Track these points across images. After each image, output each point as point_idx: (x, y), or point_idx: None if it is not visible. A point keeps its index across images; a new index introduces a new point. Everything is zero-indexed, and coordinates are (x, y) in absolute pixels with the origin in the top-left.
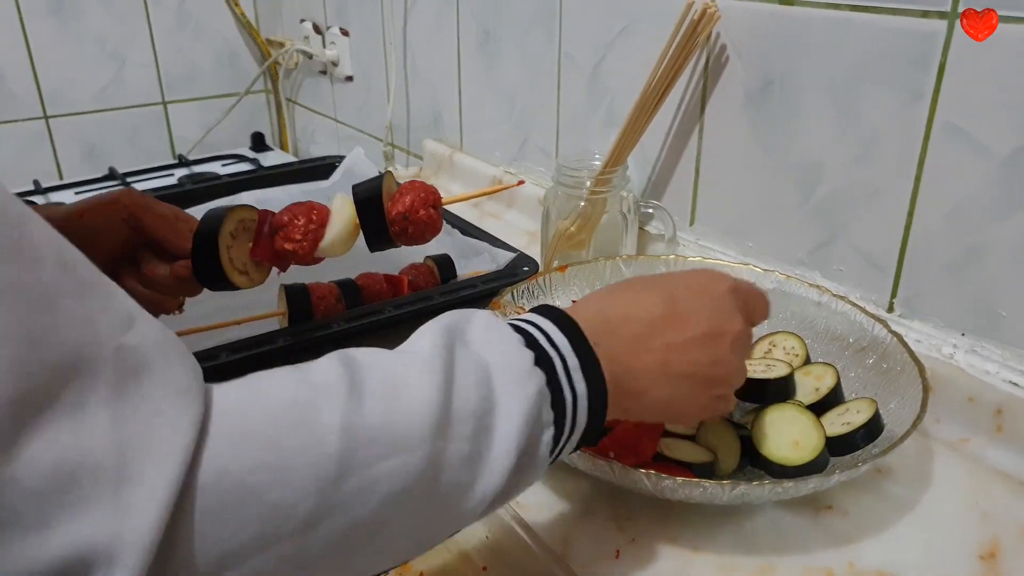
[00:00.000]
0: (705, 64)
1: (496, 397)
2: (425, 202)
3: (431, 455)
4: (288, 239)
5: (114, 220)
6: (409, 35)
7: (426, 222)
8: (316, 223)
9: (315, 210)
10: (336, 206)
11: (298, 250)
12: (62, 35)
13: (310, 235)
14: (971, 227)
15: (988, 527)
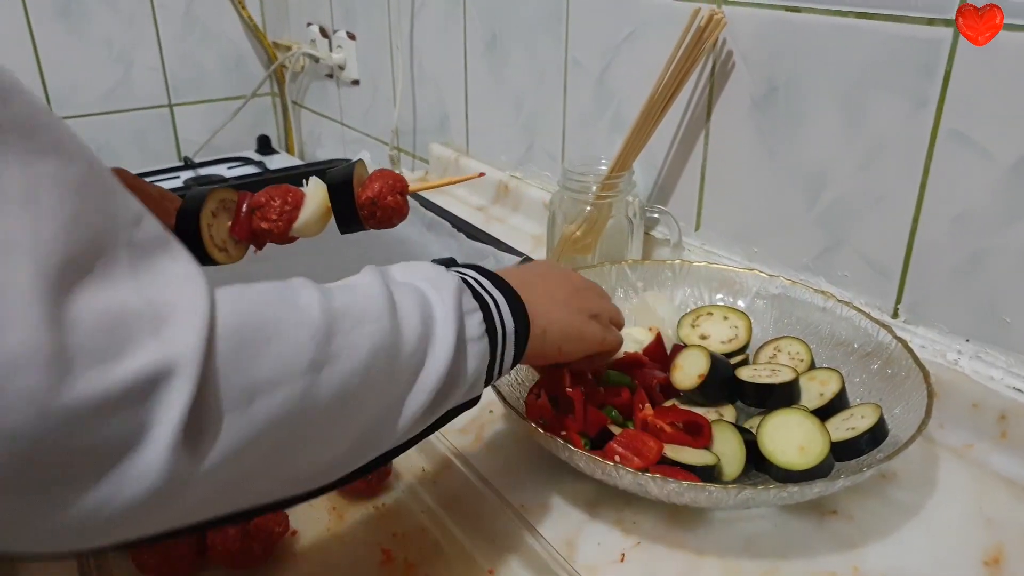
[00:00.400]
0: (711, 70)
1: (428, 294)
2: (393, 188)
3: (393, 326)
4: (264, 219)
5: None
6: (416, 39)
7: (393, 207)
8: (291, 204)
9: (290, 192)
10: (310, 189)
11: (273, 229)
12: (69, 38)
13: (285, 215)
14: (976, 234)
15: (992, 533)
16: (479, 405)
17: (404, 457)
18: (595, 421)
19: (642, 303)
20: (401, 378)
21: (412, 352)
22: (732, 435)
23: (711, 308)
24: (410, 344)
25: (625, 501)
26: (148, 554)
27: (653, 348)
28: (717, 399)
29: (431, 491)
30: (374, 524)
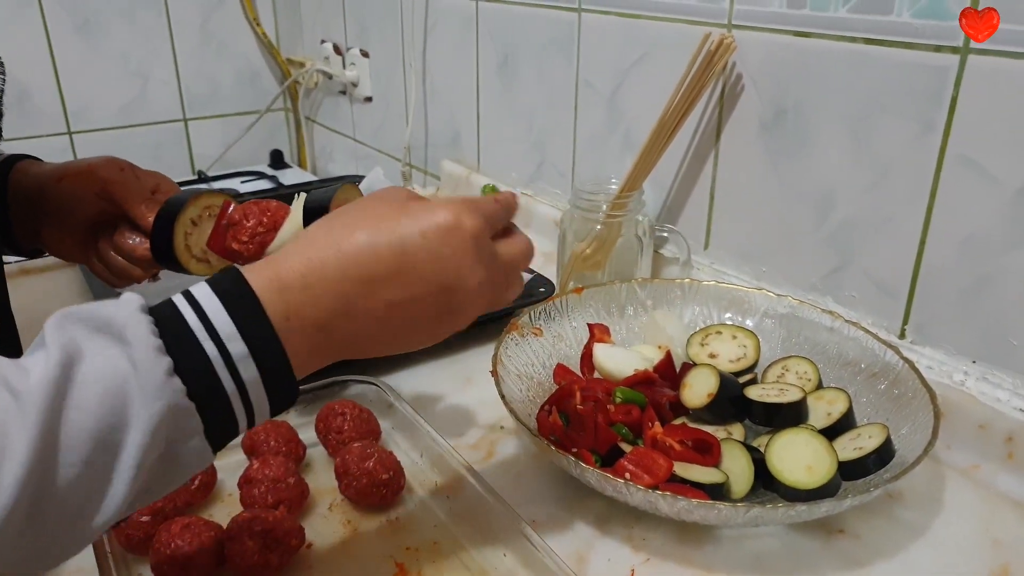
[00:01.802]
0: (721, 92)
1: (120, 421)
2: None
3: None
4: (236, 239)
5: (88, 190)
6: (428, 57)
7: None
8: (266, 226)
9: (269, 212)
10: (295, 209)
11: (244, 251)
12: (87, 53)
13: (257, 239)
14: (983, 256)
15: (999, 554)
16: (490, 421)
17: (417, 471)
18: (606, 438)
19: (651, 321)
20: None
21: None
22: (741, 453)
23: (720, 327)
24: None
25: (635, 518)
26: (167, 565)
27: (663, 366)
28: (726, 417)
29: (444, 505)
30: (387, 537)
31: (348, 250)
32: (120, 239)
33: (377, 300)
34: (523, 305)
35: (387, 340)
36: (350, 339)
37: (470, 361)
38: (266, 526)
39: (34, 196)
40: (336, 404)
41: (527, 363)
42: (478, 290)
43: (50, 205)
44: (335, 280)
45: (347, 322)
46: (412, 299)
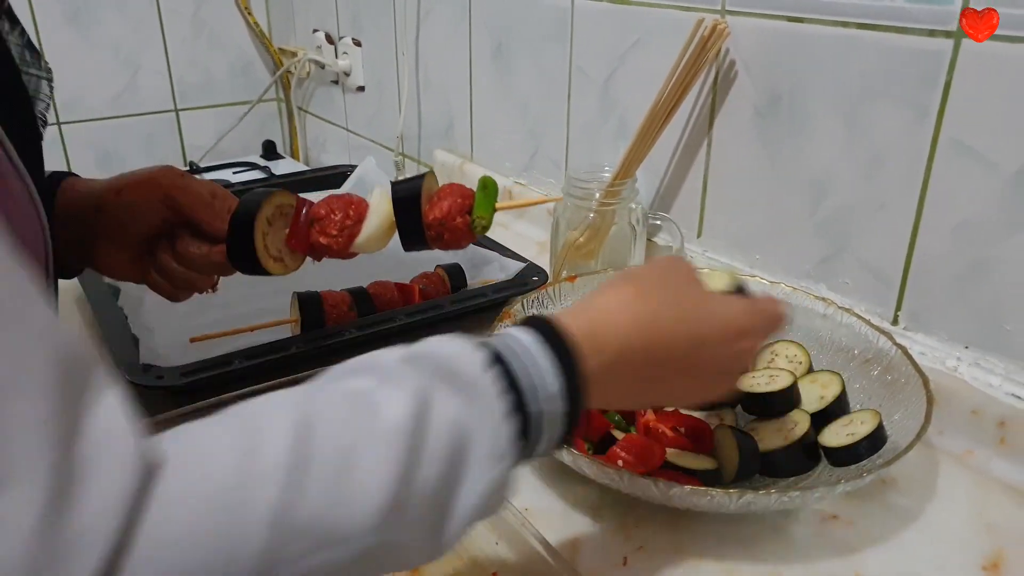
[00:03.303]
0: (714, 79)
1: (462, 475)
2: (462, 208)
3: (364, 549)
4: (324, 233)
5: (151, 199)
6: (421, 46)
7: (462, 229)
8: (353, 219)
9: (352, 204)
10: (375, 202)
11: (333, 245)
12: (77, 43)
13: (346, 231)
14: (976, 242)
15: (992, 539)
16: None
17: None
18: (598, 426)
19: None
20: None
21: (391, 558)
22: (733, 440)
23: None
24: (389, 553)
25: (628, 505)
26: None
27: None
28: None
29: None
30: None
31: (655, 338)
32: (185, 248)
33: (656, 381)
34: (516, 294)
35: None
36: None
37: None
38: None
39: (89, 213)
40: None
41: None
42: (723, 382)
43: (109, 220)
44: (639, 365)
45: (622, 395)
46: (682, 381)
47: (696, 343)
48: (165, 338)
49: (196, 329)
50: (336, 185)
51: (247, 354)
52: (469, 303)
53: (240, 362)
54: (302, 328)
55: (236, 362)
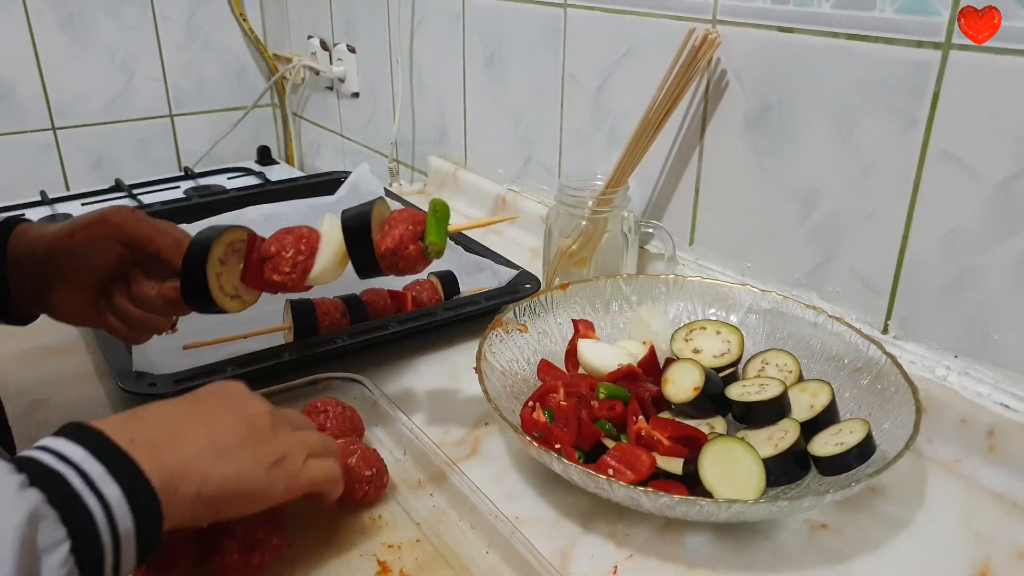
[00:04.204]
0: (706, 88)
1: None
2: (415, 235)
3: None
4: (277, 271)
5: (105, 238)
6: (415, 53)
7: (416, 256)
8: (305, 253)
9: (304, 239)
10: (326, 231)
11: (287, 282)
12: (72, 48)
13: (299, 267)
14: (964, 251)
15: (980, 547)
16: (474, 416)
17: (400, 468)
18: (589, 434)
19: (636, 317)
20: None
21: None
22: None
23: (704, 322)
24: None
25: (618, 514)
26: (146, 567)
27: (647, 362)
28: (708, 411)
29: (426, 502)
30: (370, 535)
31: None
32: (140, 288)
33: (193, 420)
34: (508, 301)
35: (227, 465)
36: (186, 465)
37: (454, 357)
38: (246, 525)
39: (40, 258)
40: (319, 401)
41: (511, 359)
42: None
43: (63, 263)
44: (164, 418)
45: (177, 444)
46: (220, 416)
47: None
48: (158, 345)
49: (189, 336)
50: (331, 191)
51: (240, 361)
52: (462, 310)
53: (233, 369)
54: (295, 335)
55: (229, 369)
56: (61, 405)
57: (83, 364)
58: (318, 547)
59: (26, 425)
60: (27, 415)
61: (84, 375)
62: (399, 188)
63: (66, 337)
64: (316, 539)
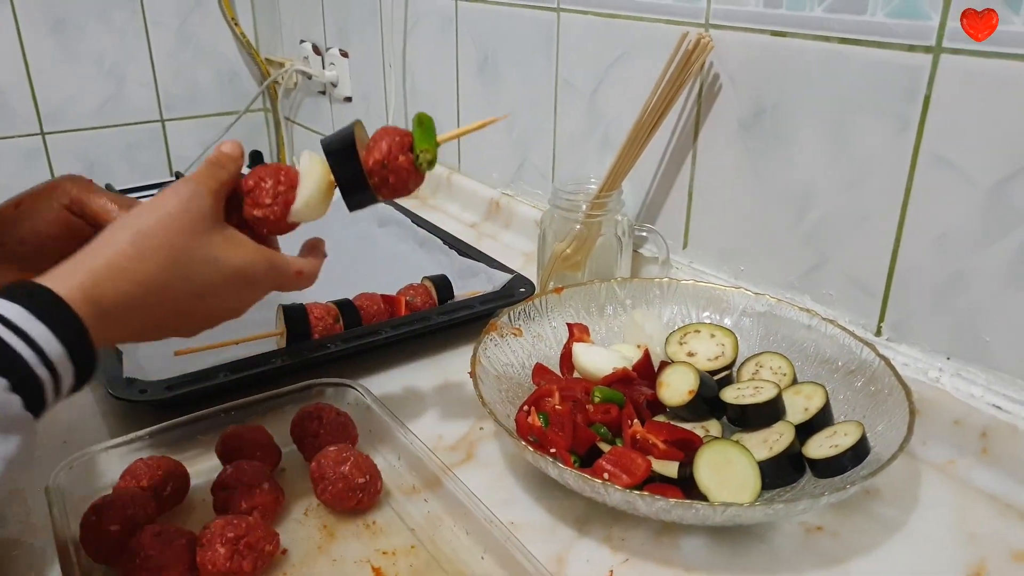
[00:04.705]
0: (699, 92)
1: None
2: (403, 146)
3: None
4: (257, 204)
5: (53, 206)
6: (408, 57)
7: (408, 169)
8: (285, 184)
9: (283, 171)
10: (304, 165)
11: (269, 216)
12: (61, 52)
13: (280, 198)
14: (956, 254)
15: (975, 548)
16: (468, 422)
17: (394, 474)
18: (584, 438)
19: (630, 320)
20: None
21: None
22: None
23: (698, 326)
24: None
25: (614, 518)
26: (137, 573)
27: (641, 365)
28: (703, 414)
29: (421, 508)
30: (364, 541)
31: (157, 294)
32: None
33: (160, 326)
34: (503, 305)
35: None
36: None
37: (448, 362)
38: (239, 532)
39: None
40: (312, 408)
41: (506, 364)
42: (224, 318)
43: (7, 237)
44: (141, 314)
45: (126, 336)
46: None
47: (197, 294)
48: (149, 351)
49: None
50: None
51: (232, 367)
52: (456, 315)
53: (225, 375)
54: (288, 341)
55: (221, 375)
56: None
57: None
58: (312, 554)
59: None
60: None
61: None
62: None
63: None
64: (310, 545)
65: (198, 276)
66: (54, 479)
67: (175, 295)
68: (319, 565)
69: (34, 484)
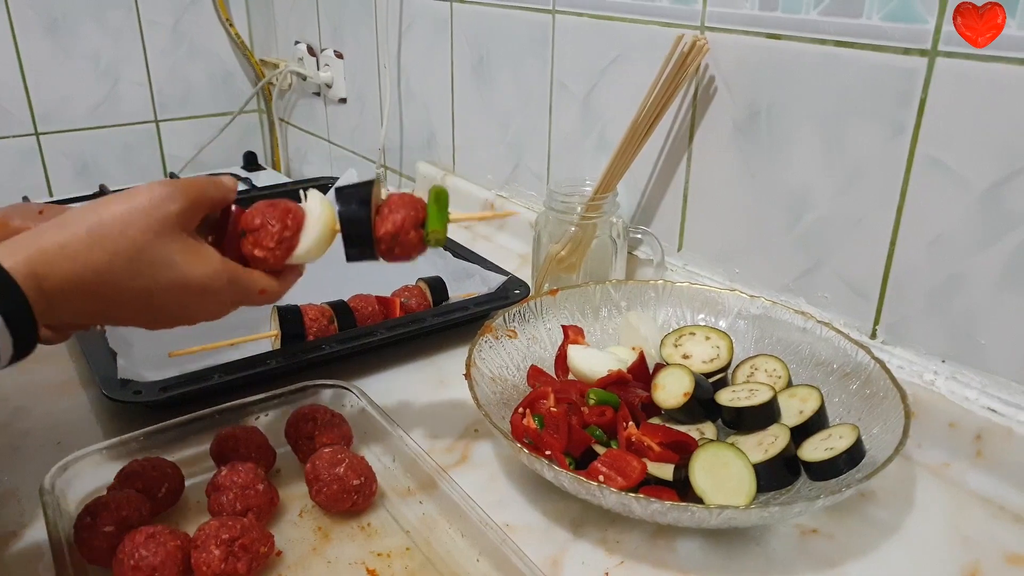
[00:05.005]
0: (694, 94)
1: None
2: (416, 222)
3: None
4: (259, 246)
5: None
6: (403, 58)
7: (415, 243)
8: (291, 229)
9: (290, 213)
10: (314, 209)
11: (269, 258)
12: (56, 53)
13: (284, 244)
14: (951, 257)
15: (969, 551)
16: (464, 422)
17: (389, 476)
18: (580, 440)
19: (625, 323)
20: None
21: None
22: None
23: (693, 328)
24: None
25: (609, 520)
26: (133, 574)
27: (636, 367)
28: (698, 417)
29: (416, 510)
30: (359, 543)
31: (104, 285)
32: None
33: (108, 316)
34: (498, 307)
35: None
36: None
37: (443, 364)
38: (233, 534)
39: None
40: (307, 409)
41: (501, 365)
42: (176, 322)
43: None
44: (88, 300)
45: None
46: (133, 316)
47: (146, 292)
48: (144, 353)
49: (175, 343)
50: None
51: (226, 368)
52: (451, 317)
53: (219, 376)
54: (282, 342)
55: (215, 377)
56: (44, 413)
57: (67, 372)
58: (306, 555)
59: (8, 434)
60: (8, 423)
61: (68, 383)
62: (387, 194)
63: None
64: (305, 547)
65: (149, 276)
66: (49, 480)
67: (122, 289)
68: (314, 567)
69: (28, 485)
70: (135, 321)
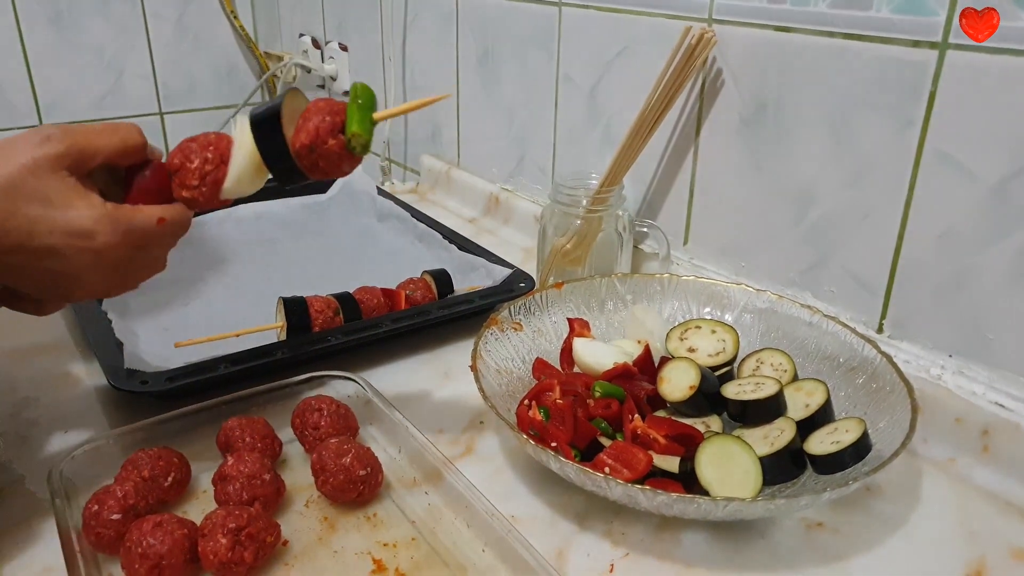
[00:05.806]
0: (701, 87)
1: None
2: (333, 127)
3: None
4: (184, 186)
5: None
6: (408, 51)
7: (338, 153)
8: (214, 162)
9: (211, 145)
10: (237, 137)
11: (198, 197)
12: (61, 45)
13: (208, 178)
14: (959, 251)
15: (975, 546)
16: (469, 414)
17: (395, 467)
18: (585, 433)
19: (631, 316)
20: None
21: None
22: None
23: (699, 322)
24: None
25: (615, 512)
26: (138, 565)
27: (642, 360)
28: (704, 410)
29: (422, 501)
30: (365, 533)
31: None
32: None
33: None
34: (503, 300)
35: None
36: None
37: (449, 356)
38: (240, 523)
39: None
40: (313, 400)
41: (507, 358)
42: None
43: None
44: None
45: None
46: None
47: (26, 237)
48: (150, 343)
49: (181, 334)
50: (323, 189)
51: (233, 359)
52: (456, 309)
53: (226, 367)
54: (288, 333)
55: (222, 367)
56: (50, 403)
57: (73, 362)
58: (313, 545)
59: (16, 423)
60: (16, 413)
61: (74, 373)
62: (391, 187)
63: (56, 335)
64: (311, 537)
65: (23, 216)
66: (56, 469)
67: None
68: (320, 557)
69: (36, 474)
70: (24, 279)
